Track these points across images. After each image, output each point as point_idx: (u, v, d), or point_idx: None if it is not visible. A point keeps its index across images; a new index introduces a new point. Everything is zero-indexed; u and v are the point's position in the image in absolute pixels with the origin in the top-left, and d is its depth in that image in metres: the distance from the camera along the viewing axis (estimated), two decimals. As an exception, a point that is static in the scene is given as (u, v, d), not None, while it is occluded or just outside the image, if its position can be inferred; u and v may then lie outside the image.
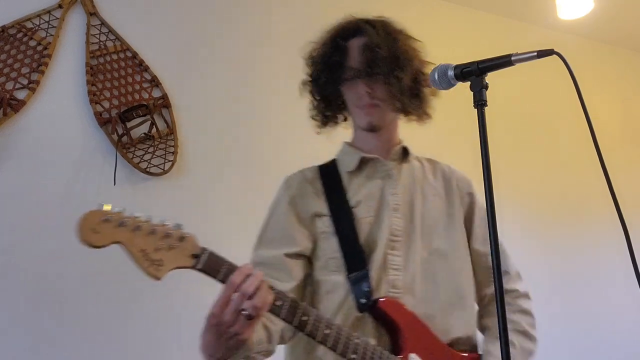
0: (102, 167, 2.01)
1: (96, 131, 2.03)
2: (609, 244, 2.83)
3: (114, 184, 1.99)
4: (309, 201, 1.21)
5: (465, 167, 2.39)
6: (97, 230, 0.86)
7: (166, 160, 2.10)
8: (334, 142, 1.35)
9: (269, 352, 1.07)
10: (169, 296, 2.00)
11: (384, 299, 1.11)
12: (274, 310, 0.95)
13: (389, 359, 1.06)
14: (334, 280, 1.15)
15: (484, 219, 1.24)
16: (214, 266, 0.92)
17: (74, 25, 2.11)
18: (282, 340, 1.13)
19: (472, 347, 1.20)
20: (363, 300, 1.09)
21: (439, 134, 2.74)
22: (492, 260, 0.89)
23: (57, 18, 2.07)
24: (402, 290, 1.13)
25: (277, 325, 1.07)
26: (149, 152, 2.08)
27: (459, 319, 1.18)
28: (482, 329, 1.27)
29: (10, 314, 1.80)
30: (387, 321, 1.10)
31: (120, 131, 2.03)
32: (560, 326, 2.73)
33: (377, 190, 1.21)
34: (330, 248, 1.16)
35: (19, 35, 2.00)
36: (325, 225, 1.18)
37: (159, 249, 0.88)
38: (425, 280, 1.16)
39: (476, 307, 1.27)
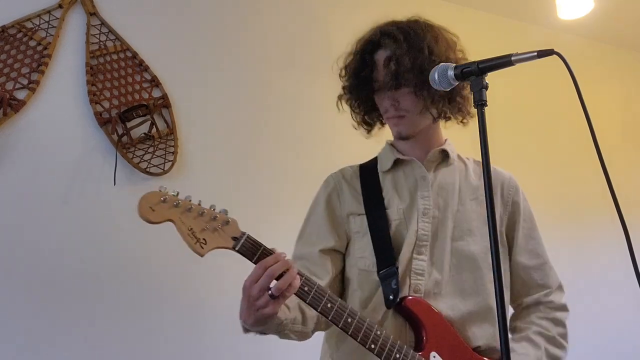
0: (102, 167, 2.01)
1: (96, 131, 2.03)
2: (609, 244, 2.83)
3: (114, 184, 1.99)
4: (345, 200, 1.26)
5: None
6: (154, 208, 0.97)
7: (166, 160, 2.10)
8: (333, 143, 1.35)
9: (304, 334, 1.13)
10: (170, 295, 2.01)
11: (411, 297, 1.14)
12: (301, 295, 1.02)
13: (408, 353, 1.09)
14: (364, 277, 1.19)
15: (529, 228, 1.27)
16: (250, 249, 1.01)
17: (74, 25, 2.11)
18: (317, 327, 1.18)
19: (495, 356, 1.19)
20: (391, 297, 1.13)
21: (439, 134, 2.75)
22: (492, 260, 0.89)
23: (57, 18, 2.07)
24: (423, 294, 1.15)
25: (314, 311, 1.10)
26: (149, 152, 2.08)
27: (481, 330, 1.17)
28: (512, 330, 1.27)
29: (10, 314, 1.79)
30: (412, 319, 1.14)
31: (120, 131, 2.03)
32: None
33: (409, 193, 1.23)
34: (362, 246, 1.20)
35: (19, 35, 2.00)
36: (359, 224, 1.22)
37: (205, 229, 0.99)
38: (452, 286, 1.17)
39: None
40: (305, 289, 1.03)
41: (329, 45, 2.47)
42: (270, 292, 0.97)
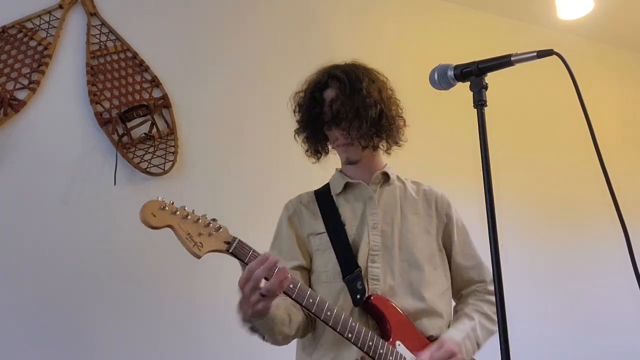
0: (102, 167, 2.01)
1: (96, 131, 2.03)
2: (608, 244, 2.83)
3: (114, 184, 2.00)
4: (304, 222, 1.42)
5: (465, 167, 2.41)
6: (155, 214, 1.08)
7: (166, 160, 2.10)
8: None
9: (286, 337, 1.26)
10: (170, 295, 2.01)
11: (375, 296, 1.29)
12: (287, 291, 1.15)
13: (378, 341, 1.24)
14: (329, 287, 1.33)
15: (463, 235, 1.47)
16: (242, 251, 1.15)
17: (75, 25, 2.11)
18: (297, 333, 1.30)
19: None
20: (358, 296, 1.28)
21: (439, 134, 2.75)
22: (492, 260, 0.89)
23: (57, 18, 2.07)
24: (379, 294, 1.30)
25: (298, 316, 1.28)
26: (149, 152, 2.08)
27: (431, 322, 1.34)
28: (454, 312, 1.45)
29: (10, 314, 1.80)
30: (378, 314, 1.29)
31: (120, 131, 2.03)
32: (560, 326, 2.74)
33: (360, 211, 1.40)
34: (325, 261, 1.36)
35: (20, 35, 2.00)
36: (319, 242, 1.38)
37: (201, 234, 1.12)
38: (403, 288, 1.34)
39: (450, 310, 1.43)
40: (291, 286, 1.16)
41: (328, 46, 2.47)
42: (260, 291, 1.09)
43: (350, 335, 1.20)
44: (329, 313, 1.19)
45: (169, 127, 2.15)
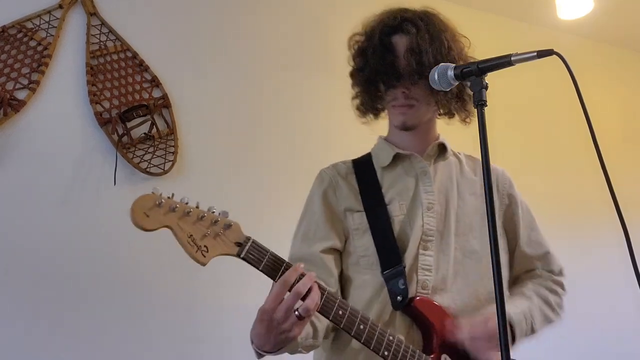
0: (102, 167, 2.01)
1: (96, 131, 2.03)
2: (609, 244, 2.83)
3: (114, 184, 1.99)
4: (342, 196, 1.21)
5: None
6: (149, 214, 0.88)
7: (166, 160, 2.10)
8: (333, 142, 1.35)
9: (314, 347, 1.09)
10: (171, 295, 2.00)
11: (419, 298, 1.10)
12: (323, 312, 0.97)
13: (422, 358, 1.06)
14: (365, 277, 1.15)
15: (529, 219, 1.28)
16: (256, 255, 0.94)
17: (74, 25, 2.11)
18: (325, 336, 1.14)
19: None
20: (399, 298, 1.10)
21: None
22: (492, 260, 0.88)
23: (57, 18, 2.07)
24: (430, 291, 1.13)
25: (323, 322, 1.08)
26: (149, 152, 2.08)
27: None
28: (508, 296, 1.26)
29: (10, 314, 1.79)
30: (422, 320, 1.10)
31: (120, 131, 2.03)
32: (560, 326, 2.73)
33: (411, 188, 1.20)
34: (363, 245, 1.16)
35: (19, 35, 2.00)
36: (358, 221, 1.18)
37: (206, 235, 0.92)
38: (456, 282, 1.16)
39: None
40: (329, 304, 0.97)
41: (328, 46, 2.47)
42: (298, 313, 0.91)
43: (386, 353, 1.02)
44: (361, 327, 1.00)
45: (169, 127, 2.15)
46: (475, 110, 1.18)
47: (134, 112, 2.05)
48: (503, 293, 0.87)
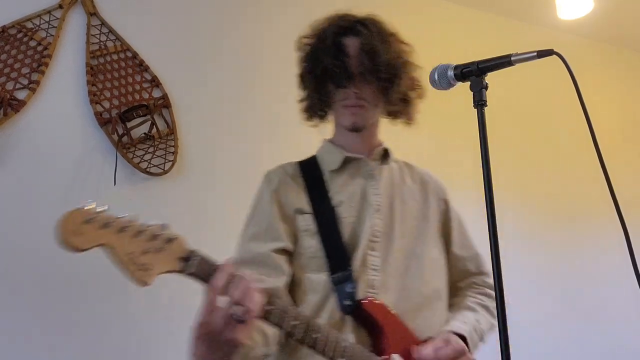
0: (102, 167, 2.01)
1: (96, 131, 2.03)
2: (608, 244, 2.83)
3: (114, 184, 2.00)
4: (292, 196, 1.20)
5: (465, 167, 2.40)
6: (80, 232, 0.78)
7: (166, 160, 2.10)
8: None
9: (266, 356, 1.05)
10: (172, 295, 2.00)
11: (367, 301, 1.10)
12: (265, 315, 0.90)
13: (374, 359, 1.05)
14: (315, 280, 1.13)
15: (460, 224, 1.33)
16: (205, 270, 0.86)
17: (74, 25, 2.11)
18: (280, 341, 1.10)
19: None
20: (347, 302, 1.09)
21: (439, 134, 2.74)
22: (492, 260, 0.89)
23: (57, 18, 2.07)
24: (378, 290, 1.13)
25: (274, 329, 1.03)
26: (149, 152, 2.08)
27: (427, 320, 1.18)
28: (449, 307, 1.29)
29: (11, 314, 1.79)
30: (370, 323, 1.10)
31: (120, 131, 2.03)
32: (560, 326, 2.73)
33: (360, 190, 1.22)
34: (312, 247, 1.15)
35: (19, 35, 2.00)
36: (307, 222, 1.17)
37: (147, 252, 0.82)
38: (400, 281, 1.17)
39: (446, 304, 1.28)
40: (267, 307, 0.90)
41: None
42: (236, 317, 0.83)
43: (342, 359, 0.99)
44: (314, 336, 0.96)
45: (169, 127, 2.15)
46: (410, 119, 1.28)
47: (134, 112, 2.06)
48: (503, 293, 0.87)
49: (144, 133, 2.09)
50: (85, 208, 0.80)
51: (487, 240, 0.92)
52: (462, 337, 1.15)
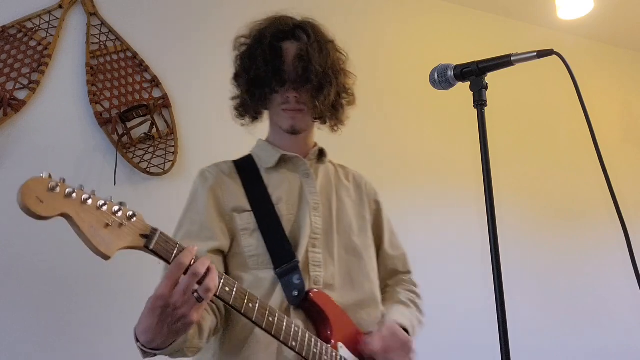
0: (102, 167, 2.01)
1: (96, 131, 2.03)
2: (608, 244, 2.83)
3: (114, 184, 2.00)
4: (229, 195, 1.20)
5: (465, 167, 2.40)
6: (43, 199, 0.78)
7: (166, 160, 2.10)
8: (336, 141, 1.35)
9: (199, 349, 1.04)
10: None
11: (315, 291, 1.12)
12: (223, 295, 0.92)
13: (323, 346, 1.08)
14: (256, 276, 1.13)
15: (390, 224, 1.41)
16: (165, 247, 0.87)
17: (74, 25, 2.11)
18: (209, 337, 1.09)
19: None
20: (295, 293, 1.10)
21: (439, 134, 2.75)
22: (492, 260, 0.89)
23: (57, 18, 2.07)
24: (322, 286, 1.15)
25: (207, 320, 1.05)
26: (149, 152, 2.08)
27: (369, 315, 1.21)
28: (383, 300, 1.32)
29: (11, 313, 1.80)
30: (317, 312, 1.12)
31: (120, 131, 2.03)
32: (560, 326, 2.73)
33: (297, 189, 1.23)
34: (252, 244, 1.15)
35: (19, 35, 2.00)
36: (246, 220, 1.16)
37: (108, 225, 0.82)
38: (342, 277, 1.20)
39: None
40: (227, 289, 0.92)
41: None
42: (197, 295, 0.86)
43: (294, 343, 1.01)
44: (270, 319, 0.98)
45: (169, 127, 2.15)
46: (344, 119, 1.30)
47: (134, 112, 2.06)
48: (503, 294, 0.87)
49: (144, 133, 2.09)
50: (46, 175, 0.80)
51: (487, 240, 0.92)
52: (404, 329, 1.19)
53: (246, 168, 1.27)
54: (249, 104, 1.31)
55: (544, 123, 3.09)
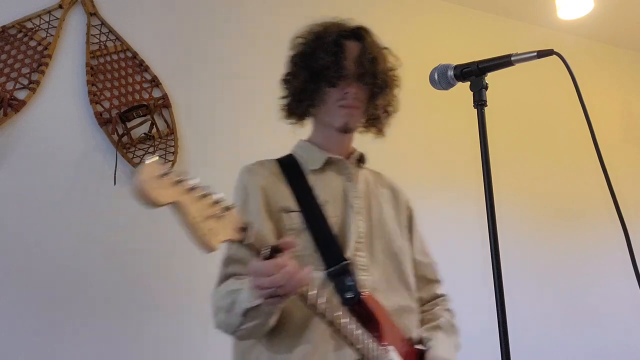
0: (102, 167, 2.01)
1: (96, 131, 2.03)
2: (608, 244, 2.83)
3: (114, 184, 1.99)
4: (278, 194, 1.19)
5: (465, 167, 2.40)
6: (157, 185, 0.73)
7: (166, 160, 2.10)
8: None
9: (263, 331, 1.07)
10: (173, 294, 2.00)
11: (365, 294, 1.12)
12: (305, 296, 0.96)
13: (377, 347, 1.08)
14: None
15: (420, 231, 1.41)
16: (260, 242, 0.90)
17: (74, 25, 2.11)
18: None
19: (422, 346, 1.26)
20: (349, 295, 1.10)
21: (439, 134, 2.75)
22: (492, 260, 0.89)
23: (57, 18, 2.07)
24: (368, 290, 1.15)
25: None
26: (149, 152, 2.08)
27: (410, 321, 1.22)
28: (421, 321, 1.32)
29: (11, 313, 1.79)
30: (367, 315, 1.11)
31: (120, 131, 2.03)
32: (560, 326, 2.73)
33: (341, 191, 1.23)
34: (300, 244, 1.11)
35: (19, 35, 2.00)
36: (294, 221, 1.16)
37: (210, 216, 0.79)
38: (385, 282, 1.20)
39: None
40: (312, 292, 0.97)
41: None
42: (279, 292, 0.91)
43: (360, 346, 1.04)
44: (341, 321, 1.01)
45: (169, 127, 2.15)
46: (382, 131, 1.31)
47: (134, 112, 2.06)
48: (503, 294, 0.87)
49: (144, 133, 2.09)
50: (158, 159, 0.75)
51: (487, 240, 0.92)
52: None
53: (291, 168, 1.25)
54: (302, 101, 1.27)
55: (544, 123, 3.09)
